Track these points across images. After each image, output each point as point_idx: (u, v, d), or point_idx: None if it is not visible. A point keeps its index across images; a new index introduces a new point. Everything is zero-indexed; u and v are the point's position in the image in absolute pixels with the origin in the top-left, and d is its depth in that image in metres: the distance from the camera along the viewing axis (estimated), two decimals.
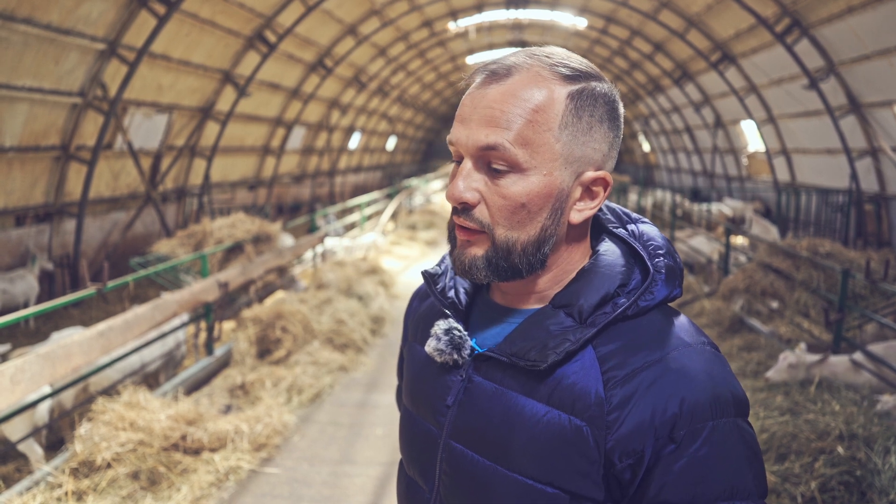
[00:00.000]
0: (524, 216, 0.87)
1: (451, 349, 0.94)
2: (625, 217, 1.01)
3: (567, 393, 0.85)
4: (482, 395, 0.92)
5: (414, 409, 1.05)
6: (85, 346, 3.96)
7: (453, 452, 0.94)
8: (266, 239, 7.79)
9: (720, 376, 0.83)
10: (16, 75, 7.24)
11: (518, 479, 0.86)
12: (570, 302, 0.90)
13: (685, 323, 0.90)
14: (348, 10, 13.80)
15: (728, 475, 0.79)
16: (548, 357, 0.85)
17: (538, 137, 0.85)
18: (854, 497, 3.42)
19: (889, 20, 8.57)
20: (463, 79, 0.94)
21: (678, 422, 0.79)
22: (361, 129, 22.98)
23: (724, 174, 18.42)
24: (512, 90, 0.85)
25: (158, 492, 3.76)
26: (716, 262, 9.48)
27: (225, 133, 12.87)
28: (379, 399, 5.45)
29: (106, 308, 8.86)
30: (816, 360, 4.76)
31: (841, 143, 11.10)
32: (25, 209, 8.51)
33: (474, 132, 0.86)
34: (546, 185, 0.86)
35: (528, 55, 0.89)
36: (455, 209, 0.90)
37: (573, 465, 0.83)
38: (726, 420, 0.80)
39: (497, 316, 0.98)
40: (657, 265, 0.91)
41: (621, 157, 33.26)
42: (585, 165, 0.89)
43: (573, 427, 0.83)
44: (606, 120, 0.89)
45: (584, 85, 0.88)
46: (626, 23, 16.71)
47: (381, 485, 4.05)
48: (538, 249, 0.89)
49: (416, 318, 1.14)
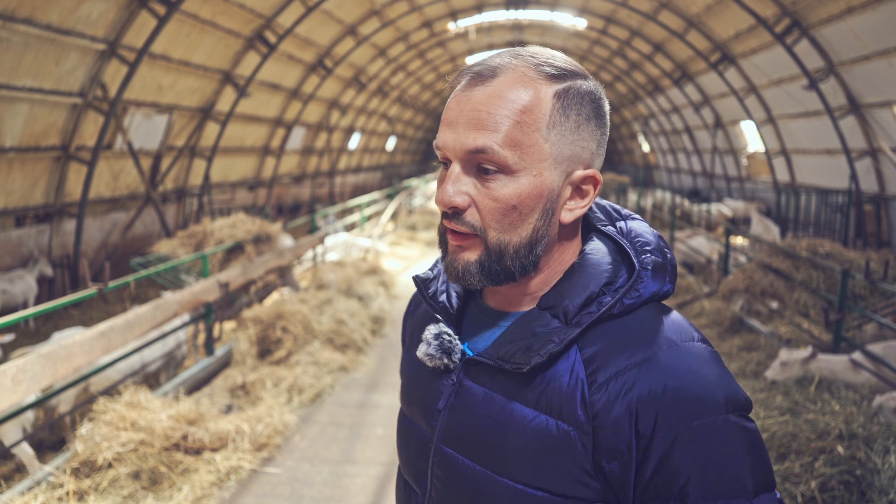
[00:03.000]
0: (516, 218, 0.86)
1: (440, 353, 0.94)
2: (615, 214, 1.00)
3: (554, 397, 0.84)
4: (472, 399, 0.91)
5: (408, 413, 1.05)
6: (86, 346, 3.96)
7: (445, 457, 0.94)
8: (266, 239, 7.80)
9: (708, 374, 0.80)
10: (16, 76, 7.24)
11: (509, 484, 0.86)
12: (555, 303, 0.89)
13: (674, 320, 0.88)
14: (348, 11, 13.81)
15: (717, 474, 0.76)
16: (531, 359, 0.84)
17: (527, 138, 0.84)
18: (854, 496, 3.43)
19: (889, 21, 8.58)
20: (448, 82, 0.93)
21: (661, 423, 0.77)
22: (361, 130, 22.99)
23: (723, 174, 18.42)
24: (498, 91, 0.84)
25: (160, 491, 3.77)
26: (715, 262, 9.49)
27: (225, 133, 12.87)
28: (379, 399, 5.46)
29: (106, 308, 8.87)
30: (806, 355, 4.80)
31: (840, 144, 11.11)
32: (25, 209, 8.52)
33: (462, 135, 0.85)
34: (536, 186, 0.85)
35: (512, 55, 0.88)
36: (445, 213, 0.88)
37: (563, 469, 0.83)
38: (713, 418, 0.77)
39: (489, 320, 0.97)
40: (643, 262, 0.90)
41: (621, 158, 33.27)
42: (574, 164, 0.88)
43: (561, 432, 0.83)
44: (593, 118, 0.89)
45: (570, 83, 0.87)
46: (625, 23, 16.72)
47: (382, 485, 4.06)
48: (530, 251, 0.88)
49: (412, 323, 1.14)
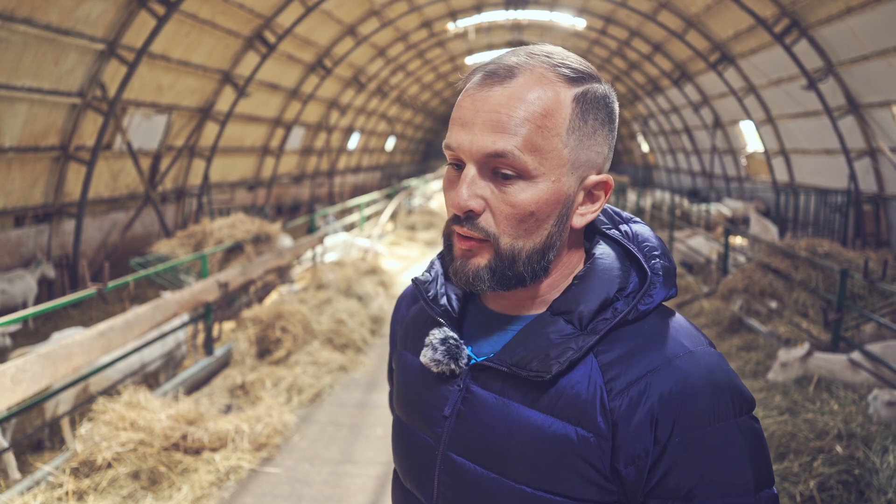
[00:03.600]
0: (532, 224, 0.84)
1: (448, 359, 0.91)
2: (616, 217, 0.99)
3: (572, 404, 0.83)
4: (482, 405, 0.89)
5: (408, 420, 1.01)
6: (86, 345, 3.96)
7: (453, 464, 0.91)
8: (266, 239, 7.80)
9: (720, 380, 0.82)
10: (15, 76, 7.24)
11: (524, 490, 0.85)
12: (569, 308, 0.88)
13: (683, 325, 0.89)
14: (348, 11, 13.81)
15: (724, 475, 0.79)
16: (551, 367, 0.83)
17: (547, 143, 0.82)
18: (852, 496, 3.43)
19: (888, 21, 8.59)
20: (460, 79, 0.90)
21: (678, 429, 0.79)
22: (360, 130, 22.99)
23: (723, 174, 18.43)
24: (518, 93, 0.82)
25: (159, 491, 3.77)
26: (715, 262, 9.50)
27: (224, 133, 12.87)
28: (379, 399, 5.46)
29: (105, 308, 8.87)
30: (803, 353, 4.84)
31: (839, 144, 11.12)
32: (25, 209, 8.51)
33: (479, 137, 0.82)
34: (555, 192, 0.84)
35: (528, 55, 0.86)
36: (457, 217, 0.86)
37: (582, 474, 0.82)
38: (724, 423, 0.79)
39: (493, 323, 0.95)
40: (654, 267, 0.90)
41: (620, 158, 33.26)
42: (589, 169, 0.87)
43: (580, 438, 0.82)
44: (607, 123, 0.88)
45: (588, 87, 0.86)
46: (625, 23, 16.72)
47: (382, 484, 4.06)
48: (543, 257, 0.87)
49: (404, 326, 1.10)
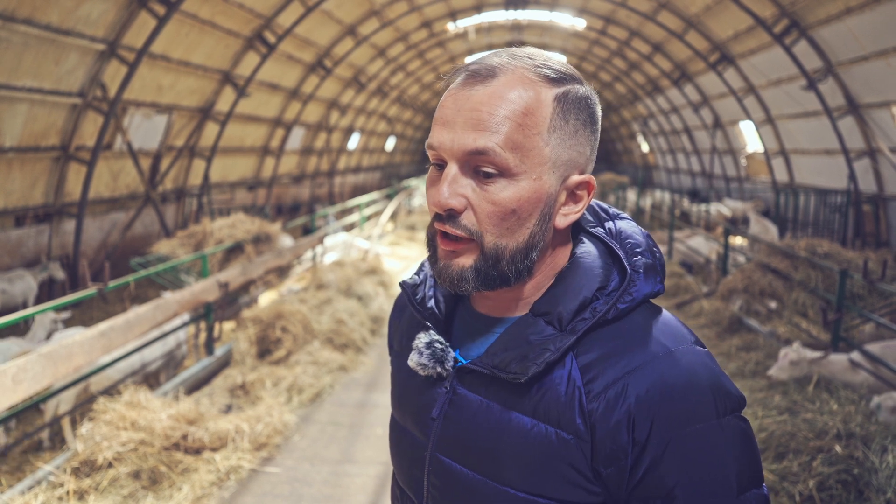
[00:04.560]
0: (514, 222, 0.84)
1: (433, 363, 0.92)
2: (602, 214, 0.99)
3: (552, 406, 0.84)
4: (467, 407, 0.90)
5: (401, 420, 1.03)
6: (86, 345, 3.97)
7: (441, 465, 0.93)
8: (266, 239, 7.81)
9: (702, 380, 0.81)
10: (16, 76, 7.25)
11: (510, 492, 0.86)
12: (549, 309, 0.88)
13: (668, 323, 0.88)
14: (348, 11, 13.82)
15: (705, 476, 0.78)
16: (528, 369, 0.83)
17: (528, 141, 0.83)
18: (851, 495, 3.44)
19: (887, 21, 8.60)
20: (443, 79, 0.91)
21: (656, 430, 0.78)
22: (361, 130, 22.99)
23: (722, 175, 18.44)
24: (499, 92, 0.83)
25: (159, 491, 3.78)
26: (714, 262, 9.51)
27: (224, 133, 12.88)
28: (379, 399, 5.46)
29: (106, 308, 8.87)
30: (818, 356, 4.79)
31: (839, 144, 11.13)
32: (25, 210, 8.52)
33: (460, 135, 0.83)
34: (536, 191, 0.84)
35: (510, 56, 0.86)
36: (439, 216, 0.86)
37: (564, 476, 0.83)
38: (705, 424, 0.79)
39: (480, 325, 0.95)
40: (635, 264, 0.89)
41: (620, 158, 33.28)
42: (571, 169, 0.88)
43: (560, 440, 0.83)
44: (589, 123, 0.89)
45: (569, 88, 0.87)
46: (624, 23, 16.73)
47: (382, 484, 4.07)
48: (526, 256, 0.87)
49: (399, 328, 1.12)
